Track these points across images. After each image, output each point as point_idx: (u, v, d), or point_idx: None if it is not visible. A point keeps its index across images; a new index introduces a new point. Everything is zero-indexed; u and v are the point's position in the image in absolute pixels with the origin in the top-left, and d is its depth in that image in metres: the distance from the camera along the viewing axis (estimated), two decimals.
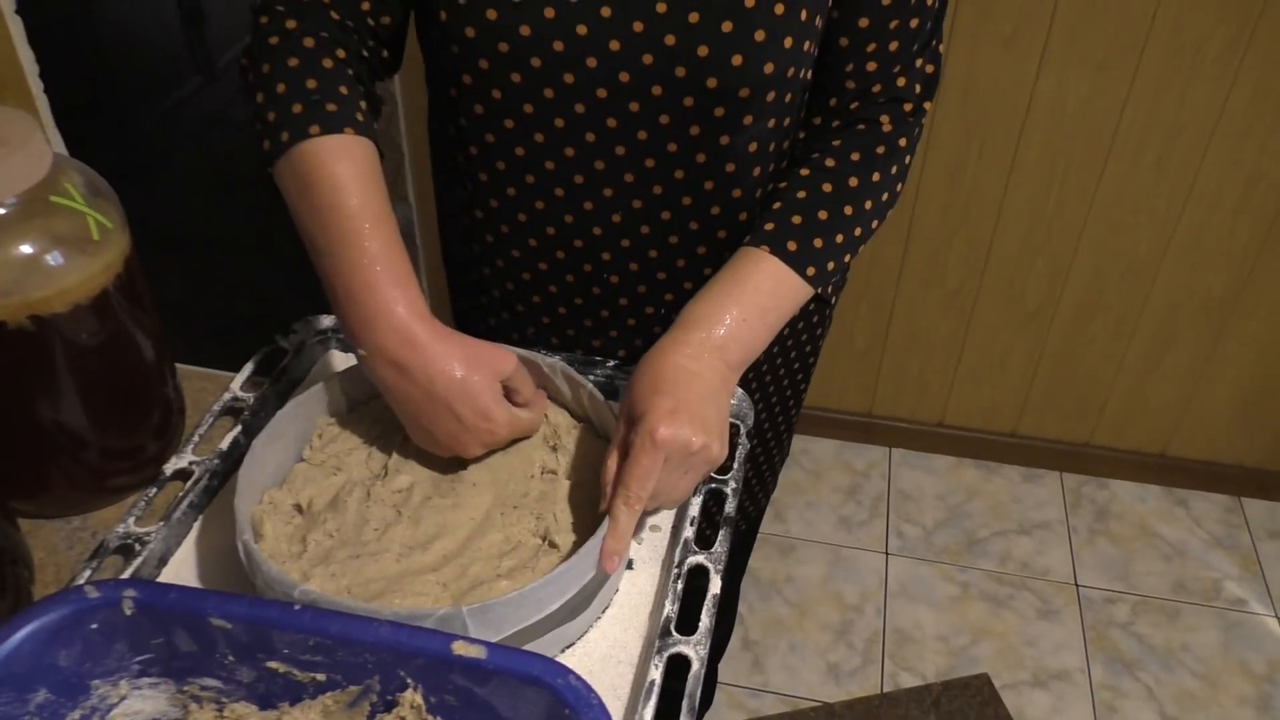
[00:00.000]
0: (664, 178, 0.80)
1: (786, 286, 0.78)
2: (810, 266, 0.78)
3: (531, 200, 0.83)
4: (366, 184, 0.69)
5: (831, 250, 0.79)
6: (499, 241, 0.87)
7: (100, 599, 0.54)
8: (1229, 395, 2.00)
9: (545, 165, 0.80)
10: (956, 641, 1.83)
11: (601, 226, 0.83)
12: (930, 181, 1.81)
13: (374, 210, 0.69)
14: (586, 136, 0.78)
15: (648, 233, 0.84)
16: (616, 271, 0.87)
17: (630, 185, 0.80)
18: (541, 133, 0.78)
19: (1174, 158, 1.71)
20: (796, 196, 0.80)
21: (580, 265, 0.87)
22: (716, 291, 0.76)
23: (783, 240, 0.78)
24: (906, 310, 2.00)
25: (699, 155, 0.78)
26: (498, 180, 0.83)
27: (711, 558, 0.68)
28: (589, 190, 0.81)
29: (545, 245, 0.86)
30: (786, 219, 0.79)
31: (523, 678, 0.51)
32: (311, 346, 0.86)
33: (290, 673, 0.55)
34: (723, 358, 0.73)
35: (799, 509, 2.07)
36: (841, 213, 0.79)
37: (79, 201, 0.65)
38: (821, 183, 0.80)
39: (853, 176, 0.80)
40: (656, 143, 0.77)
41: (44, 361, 0.68)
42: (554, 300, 0.90)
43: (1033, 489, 2.13)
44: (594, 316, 0.91)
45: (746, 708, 1.71)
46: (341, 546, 0.66)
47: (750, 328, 0.75)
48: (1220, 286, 1.85)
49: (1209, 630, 1.86)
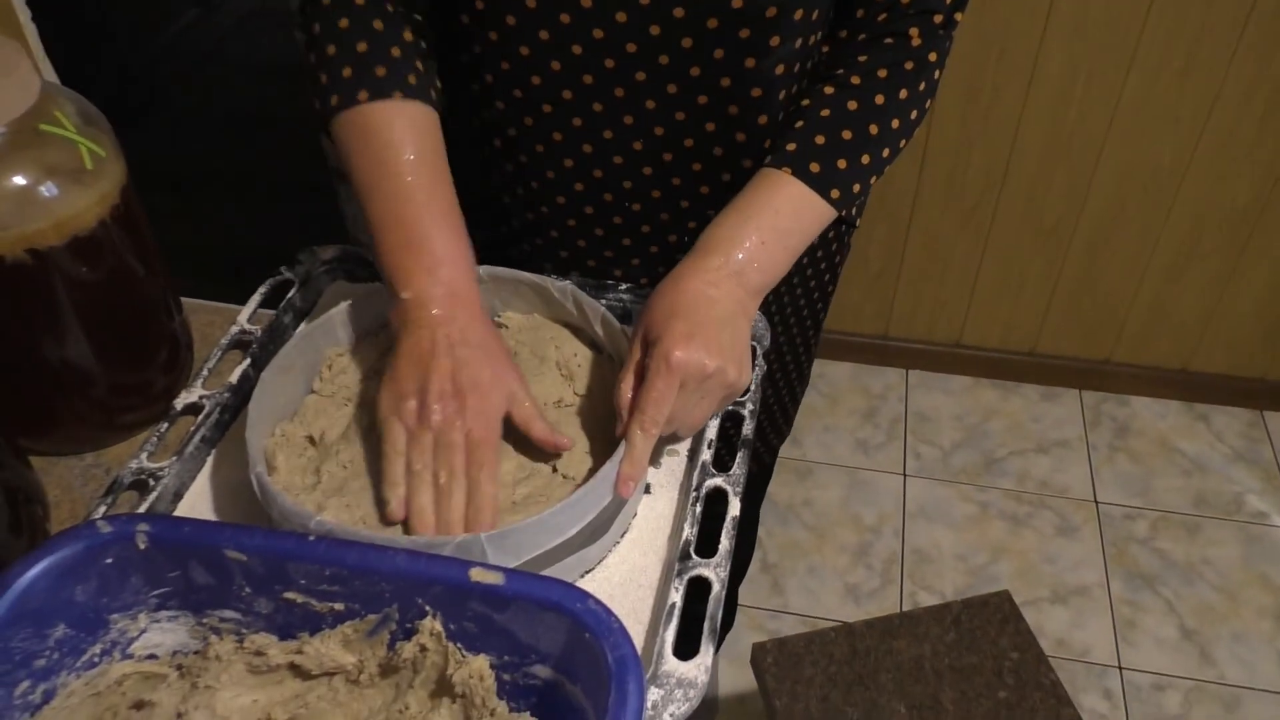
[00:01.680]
0: (687, 103, 0.77)
1: (808, 209, 0.75)
2: (834, 188, 0.75)
3: (549, 130, 0.80)
4: (417, 143, 0.70)
5: (857, 171, 0.76)
6: (518, 172, 0.85)
7: (113, 533, 0.53)
8: (1253, 308, 1.96)
9: (563, 94, 0.77)
10: (975, 560, 1.83)
11: (623, 155, 0.81)
12: (947, 95, 1.76)
13: (425, 167, 0.70)
14: (605, 63, 0.75)
15: (671, 159, 0.81)
16: (639, 199, 0.85)
17: (652, 112, 0.78)
18: (558, 60, 0.75)
19: (1200, 62, 1.65)
20: (820, 115, 0.76)
21: (601, 195, 0.85)
22: (735, 215, 0.74)
23: (805, 161, 0.75)
24: (923, 230, 1.96)
25: (723, 79, 0.75)
26: (514, 109, 0.80)
27: (730, 480, 0.67)
28: (609, 118, 0.79)
29: (564, 176, 0.84)
30: (809, 139, 0.75)
31: (542, 603, 0.51)
32: (318, 277, 0.84)
33: (308, 603, 0.55)
34: (741, 283, 0.71)
35: (816, 433, 2.06)
36: (867, 132, 0.76)
37: (70, 129, 0.63)
38: (847, 100, 0.76)
39: (879, 94, 0.77)
40: (678, 68, 0.75)
41: (45, 297, 0.66)
42: (574, 233, 0.88)
43: (1051, 407, 2.11)
44: (615, 246, 0.89)
45: (766, 629, 1.73)
46: (355, 477, 0.66)
47: (770, 251, 0.73)
48: (1245, 196, 1.81)
49: (1229, 544, 1.85)
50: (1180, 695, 1.64)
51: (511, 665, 0.54)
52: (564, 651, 0.52)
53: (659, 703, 0.55)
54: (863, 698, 1.06)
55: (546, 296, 0.76)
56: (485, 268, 0.75)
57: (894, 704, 1.05)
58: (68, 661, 0.54)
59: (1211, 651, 1.70)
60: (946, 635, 1.11)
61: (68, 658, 0.54)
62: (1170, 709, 1.62)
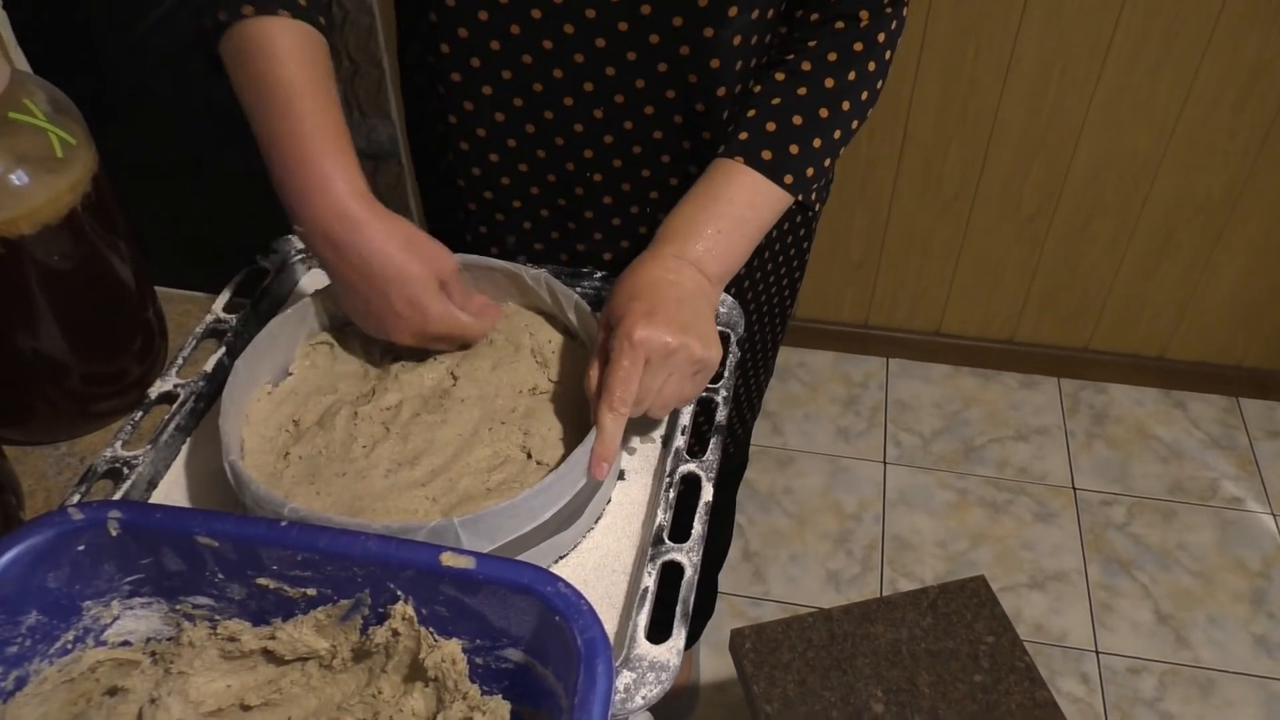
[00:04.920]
0: (646, 71, 0.77)
1: (763, 196, 0.76)
2: (787, 174, 0.76)
3: (509, 97, 0.80)
4: (303, 57, 0.68)
5: (809, 156, 0.77)
6: (475, 147, 0.85)
7: (85, 520, 0.54)
8: (1228, 296, 1.98)
9: (522, 59, 0.78)
10: (955, 547, 1.85)
11: (583, 122, 0.81)
12: (925, 85, 1.77)
13: (310, 82, 0.67)
14: (564, 28, 0.75)
15: (631, 128, 0.81)
16: (599, 169, 0.85)
17: (611, 79, 0.78)
18: (517, 24, 0.75)
19: (1174, 54, 1.66)
20: (771, 102, 0.77)
21: (562, 164, 0.85)
22: (691, 206, 0.75)
23: (757, 149, 0.75)
24: (903, 219, 1.97)
25: (682, 48, 0.76)
26: (472, 78, 0.80)
27: (703, 466, 0.68)
28: (569, 84, 0.79)
29: (525, 145, 0.84)
30: (760, 127, 0.76)
31: (512, 586, 0.51)
32: (293, 266, 0.84)
33: (281, 589, 0.55)
34: (700, 269, 0.72)
35: (797, 421, 2.07)
36: (818, 116, 0.77)
37: (40, 118, 0.63)
38: (797, 87, 0.77)
39: (828, 77, 0.77)
40: (637, 34, 0.75)
41: (17, 286, 0.66)
42: (535, 203, 0.88)
43: (1030, 395, 2.13)
44: (577, 219, 0.89)
45: (748, 616, 1.74)
46: (330, 464, 0.66)
47: (727, 240, 0.74)
48: (1220, 187, 1.82)
49: (1205, 529, 1.88)
50: (1155, 678, 1.66)
51: (483, 649, 0.54)
52: (535, 634, 0.52)
53: (631, 685, 0.56)
54: (840, 682, 1.07)
55: (521, 284, 0.76)
56: (461, 255, 0.75)
57: (871, 688, 1.07)
58: (40, 648, 0.54)
59: (1187, 635, 1.72)
60: (923, 620, 1.12)
61: (40, 644, 0.54)
62: (1146, 692, 1.64)
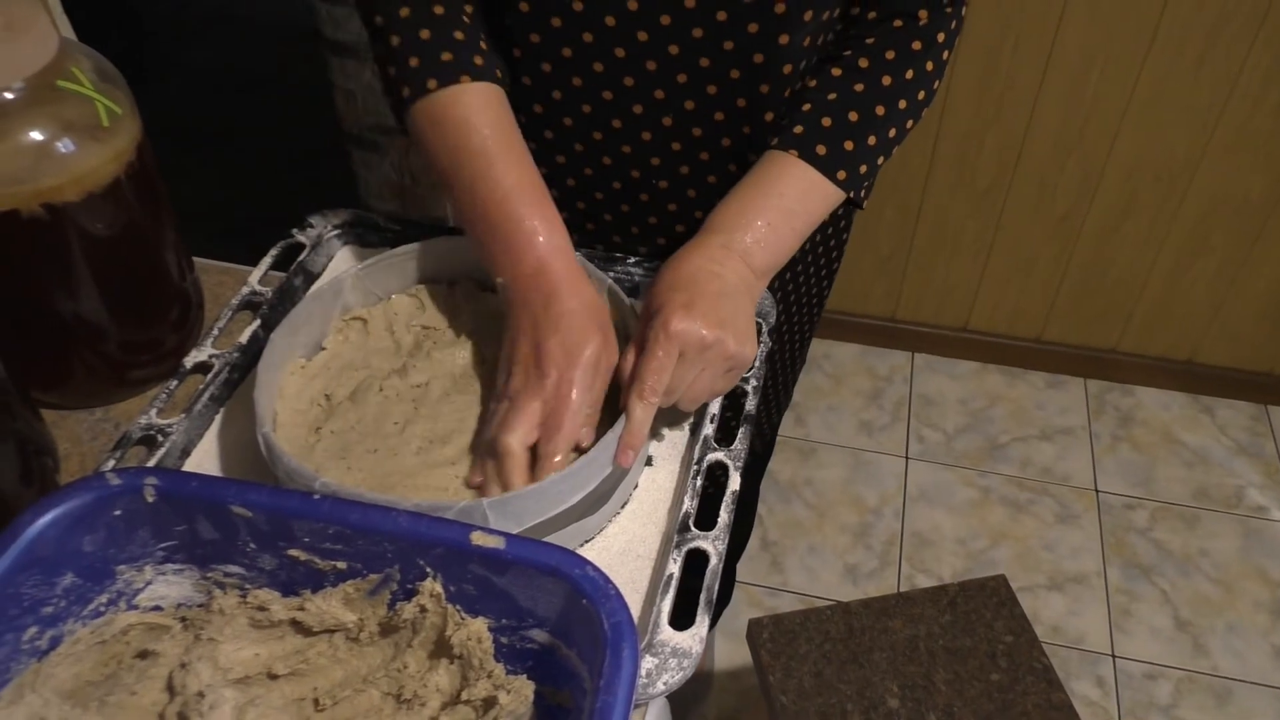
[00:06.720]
0: (696, 93, 0.78)
1: (816, 191, 0.75)
2: (841, 170, 0.75)
3: (560, 116, 0.82)
4: (489, 119, 0.71)
5: (863, 153, 0.76)
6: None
7: (122, 486, 0.54)
8: (1261, 302, 1.96)
9: (573, 81, 0.79)
10: (974, 545, 1.84)
11: (631, 144, 0.82)
12: (961, 77, 1.75)
13: (502, 145, 0.70)
14: (616, 52, 0.75)
15: (679, 149, 0.82)
16: (645, 190, 0.86)
17: (661, 101, 0.79)
18: (569, 47, 0.77)
19: (1217, 52, 1.64)
20: (827, 98, 0.77)
21: (610, 183, 0.86)
22: (742, 197, 0.74)
23: (812, 144, 0.75)
24: (934, 212, 1.96)
25: (732, 72, 0.76)
26: (523, 95, 0.81)
27: (731, 454, 0.68)
28: (619, 106, 0.80)
29: (575, 160, 0.85)
30: (816, 121, 0.76)
31: (540, 568, 0.51)
32: (329, 241, 0.85)
33: (311, 561, 0.55)
34: (746, 262, 0.72)
35: (820, 412, 2.07)
36: (874, 113, 0.76)
37: (87, 86, 0.63)
38: (854, 83, 0.77)
39: (886, 75, 0.77)
40: (689, 58, 0.75)
41: (59, 251, 0.67)
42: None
43: (1056, 395, 2.11)
44: (624, 233, 0.91)
45: (765, 606, 1.74)
46: (361, 440, 0.66)
47: (776, 233, 0.73)
48: (1259, 189, 1.80)
49: (1228, 537, 1.86)
50: (1171, 685, 1.65)
51: (509, 628, 0.55)
52: (561, 616, 0.53)
53: (653, 671, 0.56)
54: (856, 676, 1.07)
55: None
56: None
57: (887, 683, 1.07)
58: (74, 610, 0.55)
59: (1205, 643, 1.71)
60: (942, 617, 1.12)
61: (74, 606, 0.55)
62: (1161, 698, 1.64)
